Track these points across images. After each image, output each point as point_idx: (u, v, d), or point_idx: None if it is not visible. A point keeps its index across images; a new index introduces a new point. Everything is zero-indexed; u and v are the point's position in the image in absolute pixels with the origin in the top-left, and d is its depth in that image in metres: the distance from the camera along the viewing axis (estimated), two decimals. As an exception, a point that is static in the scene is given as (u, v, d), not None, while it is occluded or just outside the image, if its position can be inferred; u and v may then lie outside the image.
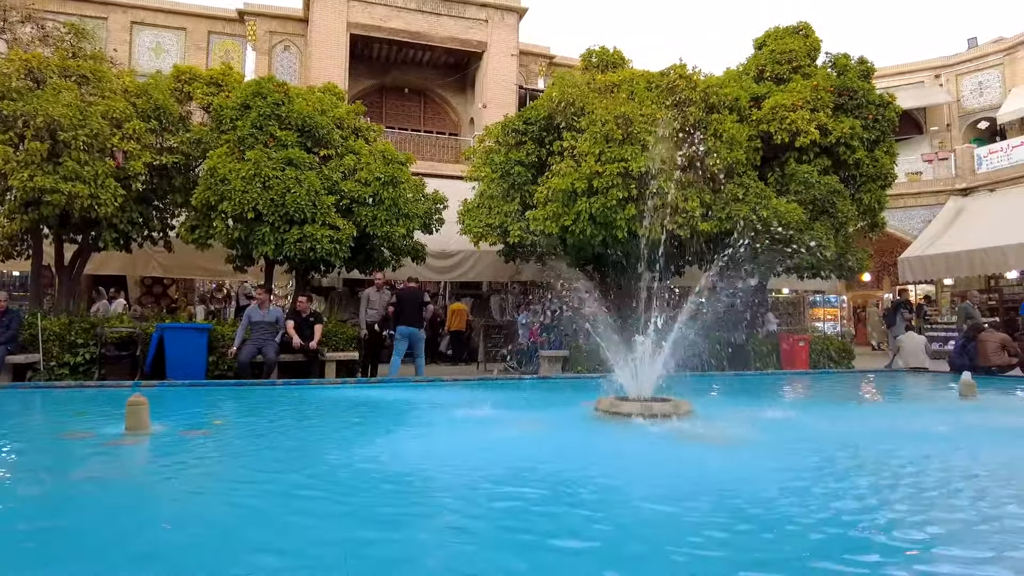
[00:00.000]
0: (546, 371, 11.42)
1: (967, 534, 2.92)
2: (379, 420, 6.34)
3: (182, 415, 6.19)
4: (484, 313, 16.09)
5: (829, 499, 3.42)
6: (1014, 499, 3.47)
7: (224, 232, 9.64)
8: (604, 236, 10.25)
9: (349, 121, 11.04)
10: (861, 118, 12.03)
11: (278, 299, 14.67)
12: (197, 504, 3.27)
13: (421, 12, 18.51)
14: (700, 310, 6.84)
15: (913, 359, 11.74)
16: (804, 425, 5.98)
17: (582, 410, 6.22)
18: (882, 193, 12.57)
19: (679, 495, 3.43)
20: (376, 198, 10.20)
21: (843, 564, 2.52)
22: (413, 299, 11.00)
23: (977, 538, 2.86)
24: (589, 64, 13.00)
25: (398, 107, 20.93)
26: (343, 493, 3.44)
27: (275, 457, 4.47)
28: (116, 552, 2.58)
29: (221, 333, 9.59)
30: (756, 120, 11.70)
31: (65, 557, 2.51)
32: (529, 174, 11.47)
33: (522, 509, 3.17)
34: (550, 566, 2.54)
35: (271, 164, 9.31)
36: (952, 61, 22.06)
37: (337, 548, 2.63)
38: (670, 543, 2.74)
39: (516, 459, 4.24)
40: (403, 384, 9.17)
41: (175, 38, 18.40)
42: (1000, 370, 10.19)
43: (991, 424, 6.09)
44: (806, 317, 21.60)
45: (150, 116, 9.74)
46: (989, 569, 2.48)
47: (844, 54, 12.90)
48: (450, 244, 13.47)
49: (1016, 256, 15.60)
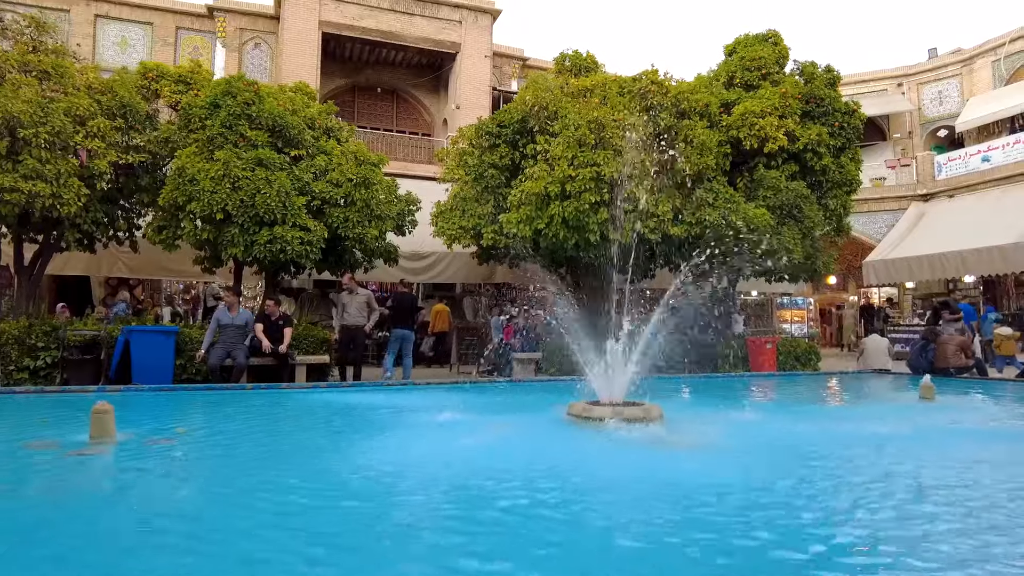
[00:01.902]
0: (519, 373, 11.46)
1: (915, 537, 3.01)
2: (346, 426, 6.26)
3: (149, 422, 6.07)
4: (457, 315, 16.06)
5: (791, 502, 3.50)
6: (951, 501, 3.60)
7: (192, 233, 9.48)
8: (577, 239, 10.33)
9: (321, 121, 10.94)
10: (828, 125, 12.32)
11: (247, 300, 14.45)
12: (159, 524, 3.15)
13: (394, 12, 18.40)
14: (671, 313, 6.93)
15: (876, 361, 12.05)
16: (769, 429, 6.11)
17: (554, 414, 6.24)
18: (847, 198, 12.90)
19: (643, 506, 3.47)
20: (348, 199, 10.14)
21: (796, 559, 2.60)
22: (407, 302, 11.94)
23: (916, 540, 2.95)
24: (562, 68, 13.08)
25: (371, 107, 20.77)
26: (306, 507, 3.37)
27: (243, 467, 4.40)
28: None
29: (189, 336, 9.43)
30: (726, 126, 11.90)
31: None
32: (503, 177, 11.50)
33: (472, 533, 3.02)
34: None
35: (241, 164, 9.18)
36: (913, 70, 22.69)
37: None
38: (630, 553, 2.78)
39: (481, 470, 4.17)
40: (374, 388, 9.12)
41: (141, 33, 17.98)
42: (957, 371, 10.52)
43: (949, 426, 6.29)
44: (774, 319, 22.02)
45: (115, 114, 9.52)
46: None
47: (812, 62, 13.20)
48: (423, 246, 13.43)
49: (973, 261, 16.13)
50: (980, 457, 4.86)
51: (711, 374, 11.26)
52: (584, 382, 6.46)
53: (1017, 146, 18.01)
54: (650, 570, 2.64)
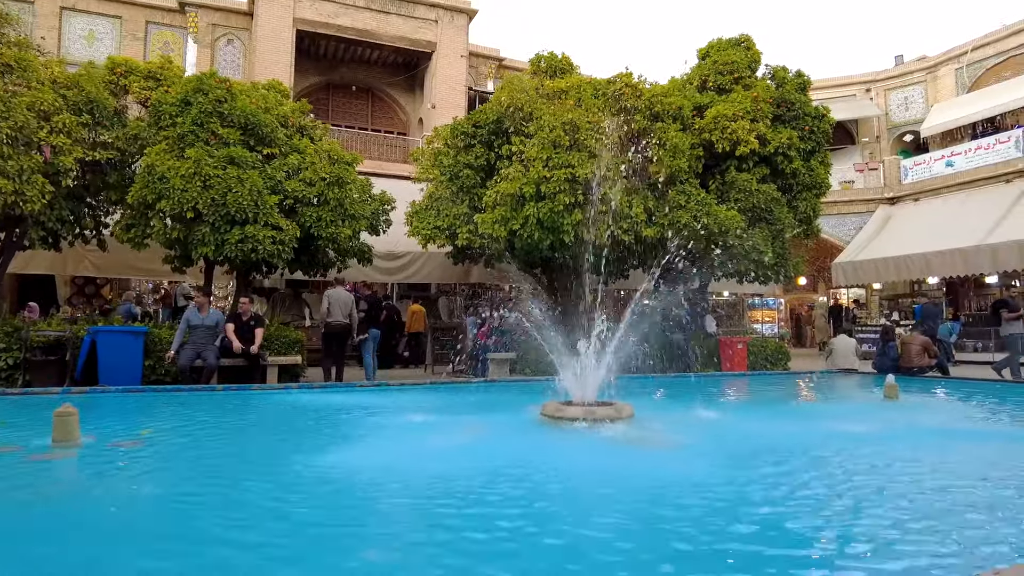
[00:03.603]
0: (494, 374, 11.48)
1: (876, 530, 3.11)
2: (317, 428, 6.21)
3: (115, 424, 5.97)
4: (433, 315, 16.03)
5: (757, 498, 3.59)
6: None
7: (162, 231, 9.33)
8: (552, 240, 10.38)
9: (294, 119, 10.84)
10: (798, 129, 12.55)
11: (218, 300, 14.25)
12: (123, 532, 3.10)
13: (370, 10, 18.28)
14: (644, 313, 7.02)
15: (843, 360, 12.32)
16: (737, 427, 6.22)
17: (527, 415, 6.28)
18: (817, 201, 13.15)
19: (610, 506, 3.53)
20: (321, 198, 10.05)
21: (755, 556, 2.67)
22: (379, 304, 12.79)
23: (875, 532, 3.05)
24: (538, 69, 13.12)
25: (345, 105, 20.60)
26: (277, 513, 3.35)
27: (211, 471, 4.33)
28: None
29: (158, 336, 9.27)
30: (699, 129, 12.05)
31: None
32: (478, 177, 11.51)
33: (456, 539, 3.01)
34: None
35: (212, 162, 9.05)
36: (881, 77, 23.22)
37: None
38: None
39: (453, 471, 4.20)
40: (348, 389, 9.07)
41: (110, 26, 17.60)
42: (920, 371, 10.82)
43: (913, 424, 6.47)
44: (745, 319, 22.34)
45: (82, 109, 9.31)
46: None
47: (783, 67, 13.43)
48: (398, 245, 13.37)
49: (937, 263, 16.56)
50: (930, 453, 5.02)
51: (683, 373, 11.40)
52: (558, 382, 6.51)
53: (979, 152, 18.52)
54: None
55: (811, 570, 2.66)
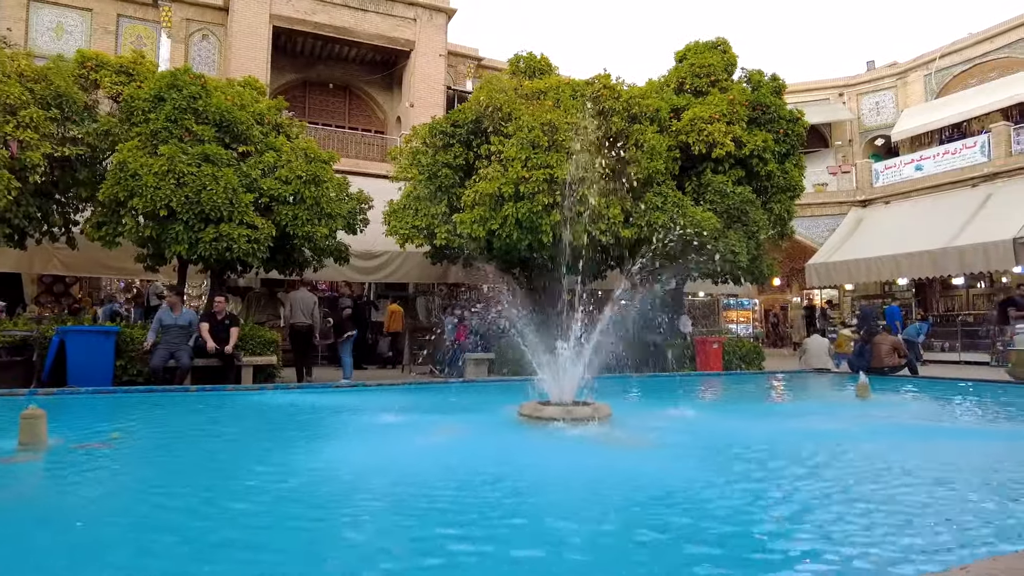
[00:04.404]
0: (472, 374, 11.47)
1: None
2: (292, 429, 6.14)
3: (84, 426, 5.83)
4: (410, 315, 15.95)
5: (725, 497, 3.65)
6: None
7: (134, 230, 9.14)
8: (530, 240, 10.40)
9: (270, 117, 10.71)
10: (773, 132, 12.73)
11: (192, 300, 14.02)
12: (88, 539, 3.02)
13: (348, 7, 18.12)
14: (621, 313, 7.06)
15: (817, 360, 12.52)
16: (712, 426, 6.30)
17: (505, 415, 6.28)
18: (791, 203, 13.35)
19: (584, 506, 3.55)
20: (297, 197, 9.93)
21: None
22: (357, 304, 13.28)
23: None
24: (517, 69, 13.14)
25: (322, 102, 20.40)
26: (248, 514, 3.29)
27: (181, 474, 4.25)
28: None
29: (130, 336, 9.10)
30: (676, 131, 12.16)
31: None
32: (456, 177, 11.48)
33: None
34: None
35: (186, 160, 8.91)
36: (853, 81, 23.65)
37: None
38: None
39: (431, 471, 4.19)
40: (324, 390, 8.99)
41: (79, 19, 17.20)
42: (891, 370, 11.05)
43: (883, 422, 6.60)
44: (720, 319, 22.61)
45: (50, 104, 9.10)
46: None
47: (758, 71, 13.61)
48: (375, 245, 13.28)
49: (907, 265, 16.94)
50: (896, 450, 5.13)
51: (660, 373, 11.49)
52: (536, 382, 6.52)
53: (946, 156, 18.97)
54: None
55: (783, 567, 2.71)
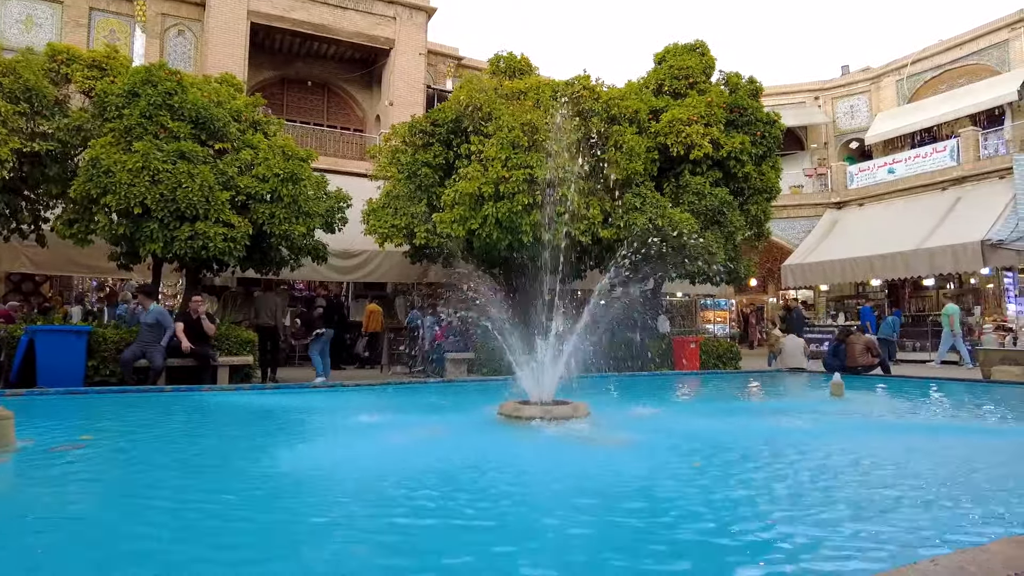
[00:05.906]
0: (452, 373, 11.44)
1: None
2: (269, 430, 6.05)
3: (55, 428, 5.71)
4: (389, 315, 15.87)
5: (701, 492, 3.69)
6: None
7: (107, 227, 8.98)
8: (510, 240, 10.42)
9: (247, 114, 10.60)
10: (750, 134, 12.89)
11: (167, 299, 13.82)
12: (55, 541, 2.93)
13: (327, 5, 17.98)
14: (600, 313, 7.10)
15: (792, 360, 12.69)
16: (688, 424, 6.37)
17: (485, 414, 6.28)
18: (768, 205, 13.53)
19: (564, 504, 3.57)
20: (274, 195, 9.84)
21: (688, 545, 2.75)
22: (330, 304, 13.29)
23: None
24: (497, 69, 13.14)
25: (300, 100, 20.22)
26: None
27: (153, 477, 4.17)
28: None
29: (103, 336, 8.94)
30: (654, 132, 12.25)
31: None
32: (436, 176, 11.45)
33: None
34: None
35: (161, 157, 8.77)
36: (828, 85, 24.05)
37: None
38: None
39: (407, 470, 4.15)
40: (301, 390, 8.90)
41: (50, 11, 16.83)
42: (865, 369, 11.24)
43: (850, 421, 6.73)
44: (697, 319, 22.83)
45: (19, 97, 8.92)
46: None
47: (736, 73, 13.77)
48: (354, 244, 13.20)
49: (880, 266, 17.26)
50: (867, 447, 5.23)
51: (638, 372, 11.57)
52: (516, 382, 6.53)
53: (917, 160, 19.37)
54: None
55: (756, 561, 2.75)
